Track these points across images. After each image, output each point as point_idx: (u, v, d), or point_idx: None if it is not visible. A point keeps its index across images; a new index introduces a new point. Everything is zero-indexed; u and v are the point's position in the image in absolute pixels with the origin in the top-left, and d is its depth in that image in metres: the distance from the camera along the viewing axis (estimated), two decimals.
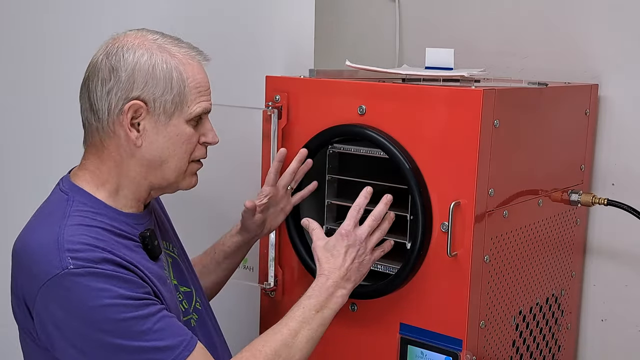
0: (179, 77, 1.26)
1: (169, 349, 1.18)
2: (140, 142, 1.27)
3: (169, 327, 1.21)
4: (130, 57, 1.25)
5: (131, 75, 1.24)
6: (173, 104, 1.26)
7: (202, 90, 1.30)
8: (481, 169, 1.42)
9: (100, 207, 1.27)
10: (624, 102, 1.93)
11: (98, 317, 1.14)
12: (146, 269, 1.25)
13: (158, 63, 1.25)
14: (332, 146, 1.63)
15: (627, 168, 1.92)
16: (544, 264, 1.74)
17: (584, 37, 1.97)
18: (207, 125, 1.34)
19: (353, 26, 2.43)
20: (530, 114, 1.60)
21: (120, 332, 1.15)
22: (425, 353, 1.50)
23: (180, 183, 1.34)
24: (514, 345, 1.65)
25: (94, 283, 1.14)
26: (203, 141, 1.33)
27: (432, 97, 1.46)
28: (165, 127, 1.27)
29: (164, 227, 1.47)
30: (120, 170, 1.29)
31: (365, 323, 1.58)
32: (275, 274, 1.71)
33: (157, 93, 1.25)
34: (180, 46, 1.31)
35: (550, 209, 1.73)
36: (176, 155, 1.29)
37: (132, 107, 1.24)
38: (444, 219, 1.44)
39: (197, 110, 1.29)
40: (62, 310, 1.15)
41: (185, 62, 1.29)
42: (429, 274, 1.49)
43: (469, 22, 2.17)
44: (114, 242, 1.22)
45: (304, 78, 1.67)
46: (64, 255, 1.15)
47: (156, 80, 1.25)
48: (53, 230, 1.19)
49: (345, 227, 1.42)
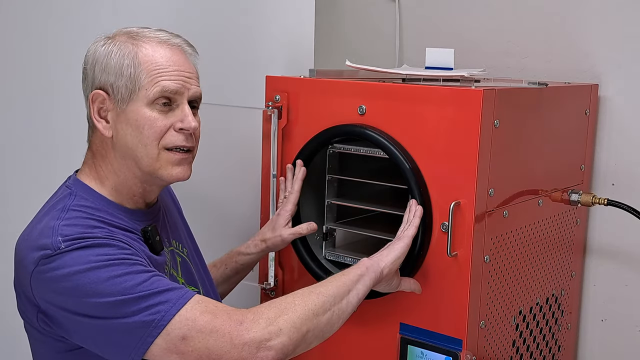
0: (131, 62, 1.26)
1: (170, 290, 1.17)
2: (110, 132, 1.28)
3: (164, 280, 1.20)
4: (92, 49, 1.29)
5: (93, 66, 1.28)
6: (127, 89, 1.25)
7: (160, 71, 1.26)
8: (481, 169, 1.42)
9: (102, 203, 1.28)
10: (624, 102, 1.93)
11: (91, 279, 1.14)
12: (144, 253, 1.25)
13: (113, 51, 1.27)
14: (332, 146, 1.63)
15: (627, 168, 1.92)
16: (544, 264, 1.73)
17: (584, 37, 1.97)
18: (184, 110, 1.29)
19: (353, 26, 2.43)
20: (530, 114, 1.60)
21: (116, 289, 1.14)
22: (425, 353, 1.50)
23: (158, 172, 1.29)
24: (514, 345, 1.65)
25: (83, 252, 1.16)
26: (179, 127, 1.28)
27: (432, 97, 1.46)
28: (125, 113, 1.26)
29: (175, 227, 1.47)
30: (109, 165, 1.30)
31: (365, 323, 1.58)
32: (275, 274, 1.71)
33: (111, 79, 1.26)
34: (154, 32, 1.31)
35: (550, 209, 1.73)
36: (140, 141, 1.26)
37: (94, 96, 1.27)
38: (444, 219, 1.44)
39: (154, 90, 1.26)
40: (59, 282, 1.15)
41: (147, 47, 1.28)
42: (429, 274, 1.49)
43: (469, 22, 2.17)
44: (111, 231, 1.22)
45: (304, 78, 1.67)
46: (57, 239, 1.17)
47: (109, 68, 1.26)
48: (50, 224, 1.20)
49: None
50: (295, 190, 1.61)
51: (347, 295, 1.30)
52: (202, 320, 1.15)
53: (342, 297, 1.29)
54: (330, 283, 1.30)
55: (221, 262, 1.64)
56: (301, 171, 1.62)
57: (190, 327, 1.14)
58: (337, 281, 1.31)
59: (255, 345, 1.15)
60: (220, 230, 1.68)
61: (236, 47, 1.87)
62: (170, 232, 1.43)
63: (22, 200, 1.37)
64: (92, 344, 1.19)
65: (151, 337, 1.14)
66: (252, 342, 1.15)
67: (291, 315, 1.19)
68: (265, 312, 1.18)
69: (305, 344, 1.22)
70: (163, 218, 1.42)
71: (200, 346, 1.14)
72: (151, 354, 1.15)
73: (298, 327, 1.19)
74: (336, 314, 1.27)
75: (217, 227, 1.71)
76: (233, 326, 1.15)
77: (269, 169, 1.67)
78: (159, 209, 1.40)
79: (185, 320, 1.15)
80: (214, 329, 1.15)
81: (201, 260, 1.52)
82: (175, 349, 1.15)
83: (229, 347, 1.14)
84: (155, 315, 1.14)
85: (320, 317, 1.23)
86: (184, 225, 1.54)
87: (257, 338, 1.15)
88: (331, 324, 1.26)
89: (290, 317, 1.19)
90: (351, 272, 1.34)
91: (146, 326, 1.14)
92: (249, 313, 1.18)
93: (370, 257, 1.40)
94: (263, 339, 1.15)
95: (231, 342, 1.14)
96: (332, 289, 1.28)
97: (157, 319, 1.14)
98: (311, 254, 1.66)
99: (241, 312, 1.18)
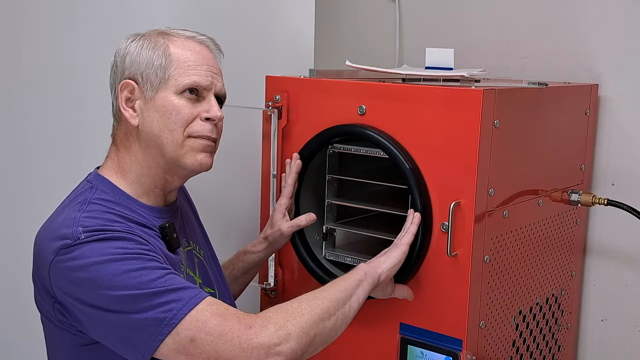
0: (163, 52, 1.30)
1: (184, 289, 1.17)
2: (137, 121, 1.30)
3: (179, 278, 1.21)
4: (124, 44, 1.33)
5: (123, 58, 1.32)
6: (157, 77, 1.29)
7: (191, 64, 1.31)
8: (481, 169, 1.42)
9: (121, 197, 1.29)
10: (624, 102, 1.93)
11: (107, 271, 1.15)
12: (160, 250, 1.26)
13: (145, 44, 1.32)
14: (332, 146, 1.63)
15: (627, 168, 1.92)
16: (544, 264, 1.73)
17: (584, 37, 1.97)
18: (210, 101, 1.34)
19: (353, 26, 2.43)
20: (530, 114, 1.60)
21: (131, 284, 1.15)
22: (425, 353, 1.50)
23: (182, 159, 1.31)
24: (514, 345, 1.65)
25: (102, 244, 1.17)
26: (205, 117, 1.32)
27: (432, 97, 1.46)
28: (153, 101, 1.30)
29: (192, 229, 1.49)
30: (132, 156, 1.32)
31: (365, 323, 1.58)
32: (275, 274, 1.71)
33: (142, 68, 1.30)
34: (184, 30, 1.36)
35: (550, 209, 1.73)
36: (167, 127, 1.29)
37: (124, 85, 1.31)
38: (444, 219, 1.44)
39: (185, 81, 1.30)
40: (76, 272, 1.16)
41: (178, 41, 1.33)
42: (429, 274, 1.49)
43: (469, 22, 2.17)
44: (130, 227, 1.23)
45: (304, 78, 1.67)
46: (77, 229, 1.18)
47: (140, 58, 1.31)
48: (71, 215, 1.22)
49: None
50: (288, 183, 1.61)
51: (349, 300, 1.31)
52: (211, 323, 1.15)
53: (345, 302, 1.29)
54: (332, 288, 1.30)
55: (229, 263, 1.65)
56: (295, 164, 1.62)
57: (200, 329, 1.15)
58: (338, 286, 1.31)
59: (264, 350, 1.15)
60: (220, 231, 1.68)
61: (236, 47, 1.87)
62: (187, 233, 1.44)
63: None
64: (105, 338, 1.20)
65: (162, 335, 1.14)
66: (261, 347, 1.15)
67: (299, 320, 1.20)
68: (273, 317, 1.19)
69: (313, 348, 1.22)
70: (181, 218, 1.43)
71: (209, 349, 1.15)
72: (160, 353, 1.16)
73: (306, 332, 1.20)
74: (340, 319, 1.28)
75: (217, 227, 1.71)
76: (242, 330, 1.15)
77: (269, 169, 1.67)
78: (177, 208, 1.42)
79: (196, 321, 1.15)
80: (223, 332, 1.15)
81: (217, 263, 1.53)
82: (183, 350, 1.15)
83: (238, 351, 1.14)
84: (167, 313, 1.14)
85: (326, 321, 1.24)
86: (200, 227, 1.55)
87: (266, 343, 1.15)
88: (335, 328, 1.27)
89: (299, 322, 1.19)
90: (351, 277, 1.35)
91: (158, 323, 1.14)
92: (257, 318, 1.18)
93: (367, 263, 1.41)
94: (272, 343, 1.15)
95: (240, 346, 1.14)
96: (335, 293, 1.29)
97: (169, 317, 1.14)
98: (311, 254, 1.66)
99: (250, 317, 1.18)
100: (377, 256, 1.44)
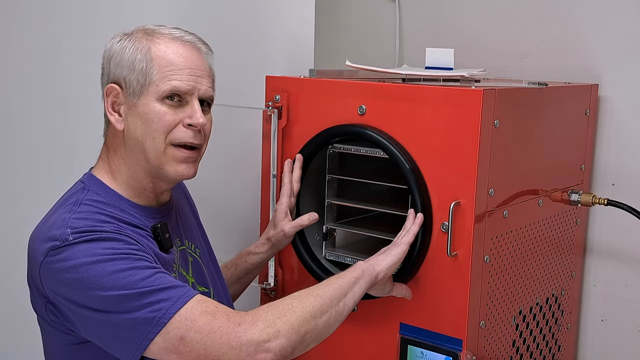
0: (144, 57, 1.28)
1: (172, 288, 1.17)
2: (122, 126, 1.30)
3: (168, 277, 1.21)
4: (109, 45, 1.32)
5: (108, 61, 1.31)
6: (139, 83, 1.28)
7: (173, 69, 1.28)
8: (481, 169, 1.42)
9: (113, 198, 1.29)
10: (624, 102, 1.93)
11: (96, 272, 1.15)
12: (152, 250, 1.26)
13: (127, 46, 1.30)
14: (332, 146, 1.63)
15: (627, 168, 1.92)
16: (544, 264, 1.74)
17: (584, 37, 1.97)
18: (193, 107, 1.30)
19: (353, 26, 2.43)
20: (530, 114, 1.60)
21: (120, 284, 1.15)
22: (425, 353, 1.50)
23: (164, 168, 1.30)
24: (514, 345, 1.65)
25: (90, 245, 1.17)
26: (187, 123, 1.30)
27: (432, 97, 1.46)
28: (136, 107, 1.28)
29: (189, 228, 1.48)
30: (120, 159, 1.32)
31: (365, 323, 1.58)
32: (275, 274, 1.71)
33: (124, 73, 1.29)
34: (172, 29, 1.33)
35: (550, 209, 1.73)
36: (149, 134, 1.28)
37: (108, 90, 1.30)
38: (444, 219, 1.44)
39: (165, 87, 1.27)
40: (65, 273, 1.17)
41: (161, 43, 1.30)
42: (429, 274, 1.49)
43: (469, 22, 2.17)
44: (120, 227, 1.24)
45: (304, 78, 1.67)
46: (66, 231, 1.19)
47: (123, 62, 1.29)
48: (62, 216, 1.22)
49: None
50: (285, 182, 1.61)
51: (344, 298, 1.30)
52: (200, 321, 1.15)
53: (339, 299, 1.29)
54: (327, 285, 1.30)
55: (232, 263, 1.65)
56: (298, 159, 1.62)
57: (189, 328, 1.15)
58: (334, 284, 1.31)
59: (253, 347, 1.15)
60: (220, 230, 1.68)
61: (236, 47, 1.87)
62: (183, 232, 1.44)
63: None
64: (96, 338, 1.20)
65: (151, 334, 1.15)
66: (250, 344, 1.15)
67: (289, 318, 1.19)
68: (263, 314, 1.19)
69: (303, 345, 1.22)
70: (176, 217, 1.43)
71: (199, 347, 1.15)
72: (151, 352, 1.16)
73: (296, 329, 1.19)
74: (333, 316, 1.27)
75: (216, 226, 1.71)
76: (231, 327, 1.15)
77: (269, 169, 1.67)
78: (172, 208, 1.42)
79: (185, 320, 1.15)
80: (212, 330, 1.15)
81: (214, 262, 1.53)
82: (173, 349, 1.15)
83: (227, 349, 1.14)
84: (157, 312, 1.15)
85: (318, 319, 1.24)
86: (199, 226, 1.55)
87: (255, 340, 1.15)
88: (328, 326, 1.27)
89: (289, 319, 1.19)
90: (348, 274, 1.35)
91: (147, 323, 1.14)
92: (247, 315, 1.18)
93: (366, 261, 1.40)
94: (261, 340, 1.15)
95: (229, 344, 1.14)
96: (329, 291, 1.29)
97: (158, 316, 1.15)
98: (311, 254, 1.66)
99: (240, 314, 1.18)
100: (377, 254, 1.43)
